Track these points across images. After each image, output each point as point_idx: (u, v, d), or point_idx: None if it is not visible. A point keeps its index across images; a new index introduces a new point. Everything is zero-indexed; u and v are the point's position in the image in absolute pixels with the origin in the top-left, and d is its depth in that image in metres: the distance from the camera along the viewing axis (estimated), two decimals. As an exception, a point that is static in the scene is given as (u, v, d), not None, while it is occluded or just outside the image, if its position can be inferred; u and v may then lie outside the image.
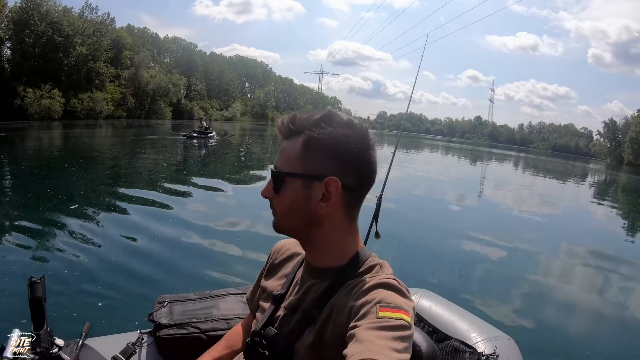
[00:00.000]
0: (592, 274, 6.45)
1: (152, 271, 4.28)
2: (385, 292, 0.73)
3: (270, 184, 0.84)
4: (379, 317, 0.68)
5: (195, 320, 1.45)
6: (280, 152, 0.85)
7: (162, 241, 5.31)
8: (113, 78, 46.94)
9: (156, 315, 1.47)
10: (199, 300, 1.57)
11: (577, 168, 44.44)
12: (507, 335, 1.24)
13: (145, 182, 10.05)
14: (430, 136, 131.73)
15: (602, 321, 4.68)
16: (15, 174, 10.47)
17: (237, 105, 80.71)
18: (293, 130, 0.83)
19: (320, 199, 0.80)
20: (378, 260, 0.87)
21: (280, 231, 0.88)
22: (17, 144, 18.55)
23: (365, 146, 0.81)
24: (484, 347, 1.16)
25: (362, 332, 0.66)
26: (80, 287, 3.75)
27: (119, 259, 4.53)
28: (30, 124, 30.16)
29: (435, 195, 12.42)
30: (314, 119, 0.81)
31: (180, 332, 1.41)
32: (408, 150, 34.99)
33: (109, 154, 16.49)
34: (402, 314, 0.69)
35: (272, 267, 1.04)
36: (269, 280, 1.01)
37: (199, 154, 18.96)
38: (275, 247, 1.08)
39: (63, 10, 40.42)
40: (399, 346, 0.64)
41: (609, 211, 14.52)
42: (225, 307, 1.53)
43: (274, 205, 0.86)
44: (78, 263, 4.36)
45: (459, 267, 5.44)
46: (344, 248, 0.86)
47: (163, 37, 71.71)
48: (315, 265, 0.88)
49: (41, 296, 0.99)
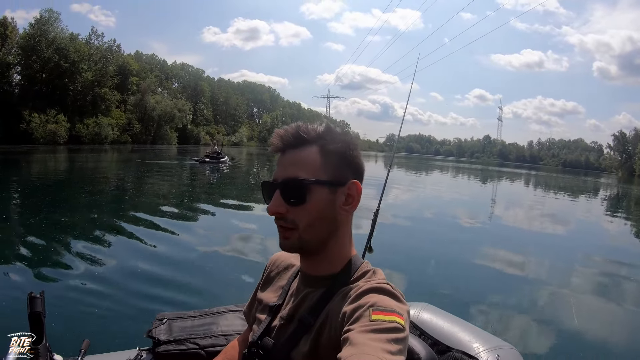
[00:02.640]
0: (595, 283, 6.34)
1: (152, 289, 4.25)
2: (378, 296, 0.74)
3: (279, 198, 0.82)
4: (372, 320, 0.68)
5: (194, 336, 1.45)
6: (292, 162, 0.82)
7: (161, 260, 5.32)
8: (119, 103, 47.39)
9: (155, 331, 1.47)
10: (198, 317, 1.57)
11: (588, 183, 43.26)
12: (509, 344, 1.24)
13: (146, 204, 10.06)
14: (440, 157, 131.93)
15: (605, 330, 4.56)
16: (18, 194, 10.60)
17: (244, 130, 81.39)
18: (305, 140, 0.82)
19: (343, 203, 0.83)
20: (371, 266, 0.87)
21: (300, 249, 0.85)
22: (22, 166, 18.71)
23: (359, 152, 0.87)
24: (487, 357, 1.16)
25: (356, 335, 0.66)
26: (80, 304, 3.73)
27: (118, 277, 4.56)
28: (35, 148, 30.06)
29: (437, 213, 12.27)
30: (324, 129, 0.84)
31: (179, 348, 1.41)
32: (418, 172, 34.97)
33: (114, 177, 16.46)
34: (395, 317, 0.69)
35: (267, 279, 1.03)
36: (265, 292, 1.00)
37: (210, 178, 18.51)
38: (271, 259, 1.06)
39: (70, 37, 41.21)
40: (393, 348, 0.65)
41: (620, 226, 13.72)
42: (225, 323, 1.53)
43: (291, 219, 0.82)
44: (78, 279, 4.37)
45: (460, 281, 5.46)
46: (343, 255, 0.87)
47: (171, 64, 73.25)
48: (312, 274, 0.88)
49: (40, 311, 0.99)
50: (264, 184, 0.85)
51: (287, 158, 0.82)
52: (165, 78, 67.18)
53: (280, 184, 0.81)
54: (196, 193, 13.34)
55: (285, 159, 0.82)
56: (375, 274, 0.84)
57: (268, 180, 0.84)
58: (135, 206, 9.72)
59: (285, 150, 0.83)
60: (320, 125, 0.84)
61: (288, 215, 0.81)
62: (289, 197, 0.80)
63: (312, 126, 0.84)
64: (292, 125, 0.84)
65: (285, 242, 0.83)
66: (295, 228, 0.81)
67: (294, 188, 0.80)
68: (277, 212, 0.81)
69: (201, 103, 71.96)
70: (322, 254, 0.85)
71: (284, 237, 0.83)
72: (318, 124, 0.84)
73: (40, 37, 38.21)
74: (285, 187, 0.81)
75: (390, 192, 14.79)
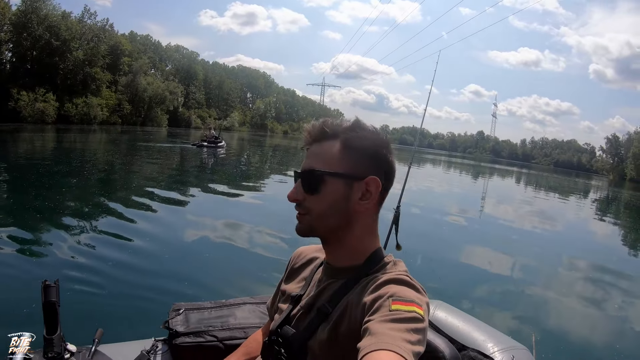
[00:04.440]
0: (610, 287, 6.39)
1: (166, 278, 4.23)
2: (398, 286, 0.76)
3: (299, 186, 0.87)
4: (391, 310, 0.69)
5: (212, 328, 1.44)
6: (314, 154, 0.87)
7: (176, 249, 5.35)
8: (110, 84, 47.12)
9: (172, 322, 1.46)
10: (215, 308, 1.57)
11: (579, 184, 43.81)
12: (523, 345, 1.25)
13: (158, 190, 9.87)
14: (433, 151, 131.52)
15: (617, 331, 4.67)
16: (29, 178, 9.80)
17: (236, 114, 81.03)
18: (328, 134, 0.87)
19: (360, 198, 0.85)
20: (393, 258, 0.89)
21: (311, 233, 0.89)
22: (16, 145, 18.48)
23: (389, 151, 0.89)
24: (501, 357, 1.18)
25: (375, 325, 0.67)
26: (94, 293, 3.69)
27: (133, 266, 4.49)
28: (23, 127, 30.08)
29: (447, 209, 12.26)
30: (349, 124, 0.88)
31: (197, 341, 1.40)
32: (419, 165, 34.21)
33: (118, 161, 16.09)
34: (415, 307, 0.70)
35: (291, 271, 1.06)
36: (288, 284, 1.03)
37: (210, 163, 18.67)
38: (295, 252, 1.10)
39: (62, 15, 40.83)
40: (412, 338, 0.65)
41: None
42: (242, 316, 1.53)
43: (306, 206, 0.87)
44: (92, 268, 4.28)
45: (473, 280, 5.51)
46: (366, 247, 0.89)
47: (165, 45, 72.56)
48: (336, 265, 0.91)
49: (55, 300, 0.98)
50: (295, 172, 0.91)
51: (311, 151, 0.88)
52: (159, 60, 66.75)
53: (301, 173, 0.87)
54: (205, 180, 12.98)
55: (310, 151, 0.88)
56: (395, 265, 0.87)
57: (296, 170, 0.90)
58: (143, 194, 9.28)
59: (312, 144, 0.89)
60: (348, 122, 0.89)
61: (304, 202, 0.87)
62: (307, 186, 0.86)
63: (338, 122, 0.88)
64: (320, 121, 0.89)
65: (298, 225, 0.89)
66: (307, 214, 0.87)
67: (310, 178, 0.86)
68: (294, 199, 0.88)
69: (194, 86, 71.54)
70: (339, 244, 0.89)
71: (299, 220, 0.89)
72: (346, 121, 0.89)
73: (32, 14, 37.80)
74: (304, 177, 0.87)
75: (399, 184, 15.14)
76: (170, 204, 8.30)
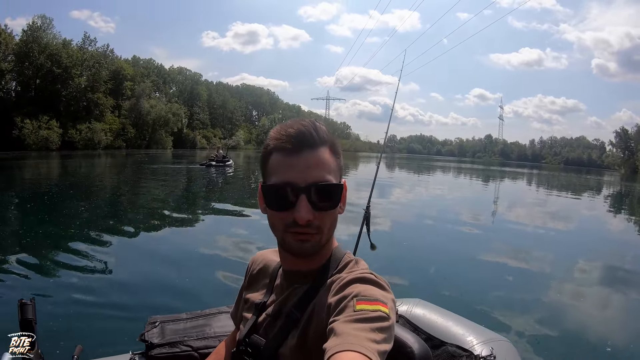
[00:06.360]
0: (588, 277, 6.43)
1: (144, 293, 4.25)
2: (362, 285, 0.74)
3: (307, 203, 0.75)
4: (356, 310, 0.68)
5: (187, 338, 1.45)
6: (316, 165, 0.77)
7: (153, 263, 5.34)
8: (113, 108, 47.42)
9: (147, 335, 1.47)
10: (191, 319, 1.57)
11: (590, 181, 42.62)
12: (504, 337, 1.25)
13: (137, 209, 10.01)
14: (442, 157, 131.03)
15: (599, 322, 4.63)
16: (9, 199, 10.44)
17: (241, 133, 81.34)
18: (324, 140, 0.79)
19: (342, 202, 0.82)
20: (353, 256, 0.88)
21: (318, 250, 0.82)
22: (15, 173, 18.68)
23: None
24: (481, 349, 1.17)
25: (340, 325, 0.66)
26: (72, 309, 3.69)
27: (110, 281, 4.56)
28: (27, 154, 30.01)
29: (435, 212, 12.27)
30: (324, 127, 0.82)
31: (173, 351, 1.41)
32: (420, 173, 34.69)
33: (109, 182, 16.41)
34: (380, 306, 0.69)
35: (251, 278, 1.03)
36: (250, 292, 1.00)
37: (215, 182, 18.26)
38: (251, 259, 1.06)
39: (62, 43, 41.39)
40: (378, 337, 0.64)
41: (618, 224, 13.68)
42: (218, 324, 1.53)
43: (316, 225, 0.78)
44: (69, 285, 4.32)
45: (454, 278, 5.47)
46: (328, 248, 0.86)
47: (169, 68, 73.39)
48: (296, 270, 0.87)
49: (32, 317, 0.99)
50: (273, 186, 0.76)
51: (307, 159, 0.76)
52: (162, 82, 67.36)
53: (306, 188, 0.74)
54: (192, 197, 13.25)
55: (304, 160, 0.76)
56: (357, 264, 0.84)
57: (287, 182, 0.75)
58: (126, 211, 9.65)
59: (301, 150, 0.76)
60: (321, 124, 0.81)
61: (314, 221, 0.77)
62: (319, 202, 0.76)
63: (321, 126, 0.80)
64: (304, 123, 0.78)
65: (305, 245, 0.78)
66: (318, 232, 0.78)
67: (326, 193, 0.76)
68: (310, 220, 0.76)
69: (197, 107, 72.04)
70: (321, 251, 0.83)
71: (303, 240, 0.78)
72: (316, 121, 0.81)
73: (33, 43, 38.51)
74: (315, 192, 0.75)
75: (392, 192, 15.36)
76: (150, 221, 8.29)
